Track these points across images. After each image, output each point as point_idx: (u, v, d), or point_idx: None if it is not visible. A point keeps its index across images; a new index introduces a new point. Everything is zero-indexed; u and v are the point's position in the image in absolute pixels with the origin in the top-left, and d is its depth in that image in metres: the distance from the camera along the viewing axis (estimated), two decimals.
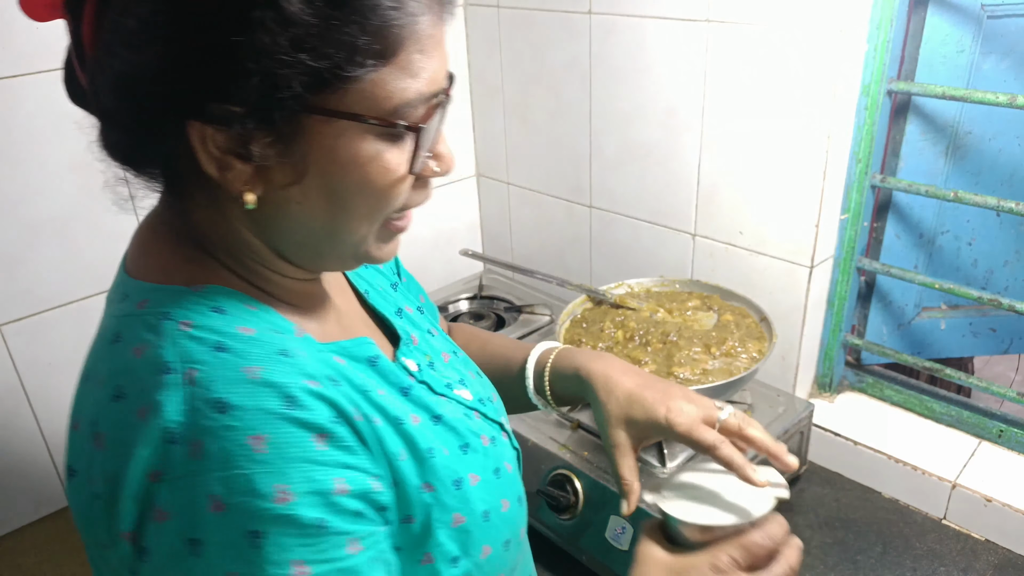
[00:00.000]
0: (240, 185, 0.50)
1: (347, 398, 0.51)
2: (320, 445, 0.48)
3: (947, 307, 1.41)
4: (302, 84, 0.46)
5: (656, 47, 1.29)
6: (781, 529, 0.67)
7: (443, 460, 0.58)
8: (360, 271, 0.73)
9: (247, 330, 0.51)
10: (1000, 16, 1.19)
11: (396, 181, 0.52)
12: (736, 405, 1.22)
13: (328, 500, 0.47)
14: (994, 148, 1.28)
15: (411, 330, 0.70)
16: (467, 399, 0.67)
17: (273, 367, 0.48)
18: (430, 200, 0.59)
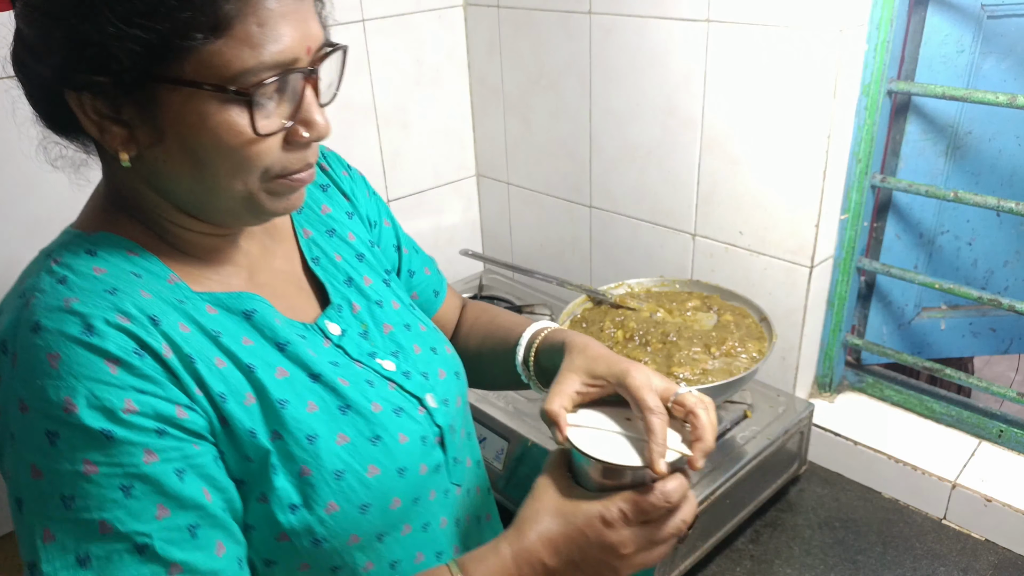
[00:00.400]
0: (117, 146, 0.58)
1: (164, 337, 0.58)
2: (112, 369, 0.55)
3: (947, 307, 1.41)
4: (141, 55, 0.53)
5: (656, 47, 1.29)
6: (679, 490, 0.64)
7: (299, 414, 0.63)
8: (320, 240, 0.78)
9: (99, 270, 0.59)
10: (1000, 16, 1.19)
11: (247, 143, 0.57)
12: (736, 405, 1.23)
13: (114, 416, 0.54)
14: (994, 148, 1.27)
15: (354, 299, 0.76)
16: (388, 369, 0.72)
17: (89, 300, 0.56)
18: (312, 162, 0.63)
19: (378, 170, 1.56)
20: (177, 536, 0.56)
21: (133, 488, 0.55)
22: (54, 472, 0.54)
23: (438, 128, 1.64)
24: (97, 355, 0.55)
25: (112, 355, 0.55)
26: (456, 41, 1.61)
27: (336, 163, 0.85)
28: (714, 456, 1.13)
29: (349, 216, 0.83)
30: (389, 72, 1.50)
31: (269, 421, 0.62)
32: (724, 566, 1.14)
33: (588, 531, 0.63)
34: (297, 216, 0.78)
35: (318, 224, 0.79)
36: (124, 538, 0.54)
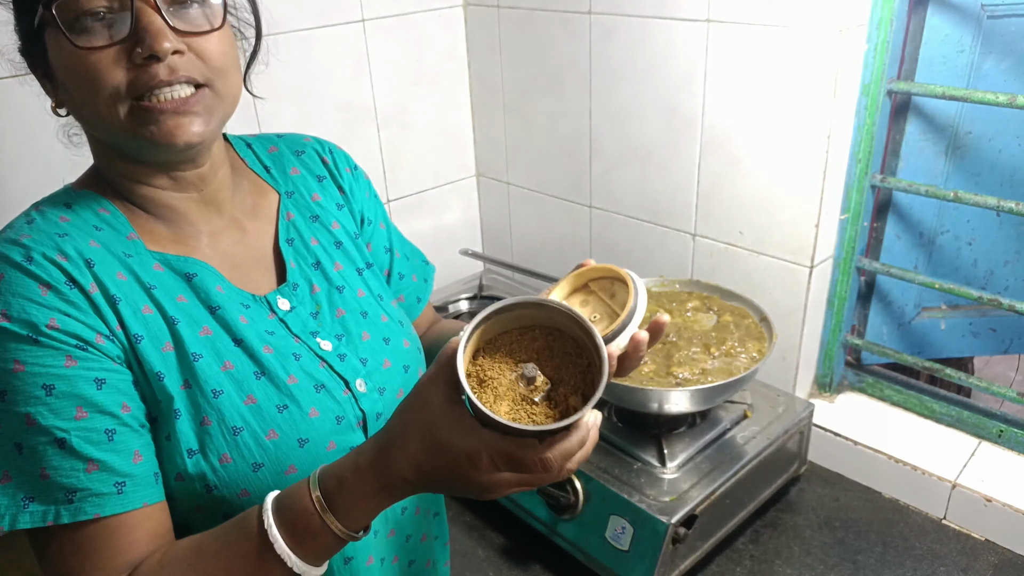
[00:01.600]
0: (53, 98, 0.67)
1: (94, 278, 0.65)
2: (43, 292, 0.62)
3: (947, 307, 1.41)
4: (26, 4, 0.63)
5: (656, 47, 1.29)
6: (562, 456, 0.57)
7: (211, 369, 0.68)
8: (300, 224, 0.81)
9: (64, 219, 0.67)
10: (1000, 16, 1.19)
11: (76, 61, 0.63)
12: (736, 405, 1.23)
13: (39, 329, 0.61)
14: (994, 148, 1.27)
15: (315, 281, 0.79)
16: (324, 349, 0.75)
17: (39, 238, 0.65)
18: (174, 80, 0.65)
19: (378, 170, 1.56)
20: (95, 437, 0.62)
21: (54, 388, 0.62)
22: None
23: (438, 128, 1.64)
24: (32, 279, 0.62)
25: (44, 280, 0.63)
26: (456, 41, 1.61)
27: (341, 159, 0.90)
28: (714, 456, 1.13)
29: (339, 208, 0.86)
30: (389, 72, 1.50)
31: (182, 370, 0.67)
32: (724, 566, 1.14)
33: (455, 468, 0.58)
34: (286, 200, 0.82)
35: (304, 210, 0.83)
36: (45, 432, 0.61)
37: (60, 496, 0.62)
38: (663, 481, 1.09)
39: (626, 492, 1.07)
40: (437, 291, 1.68)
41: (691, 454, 1.13)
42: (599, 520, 1.09)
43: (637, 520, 1.04)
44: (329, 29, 1.39)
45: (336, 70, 1.42)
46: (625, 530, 1.06)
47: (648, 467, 1.11)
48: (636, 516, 1.05)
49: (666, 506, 1.04)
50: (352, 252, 0.85)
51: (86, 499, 0.62)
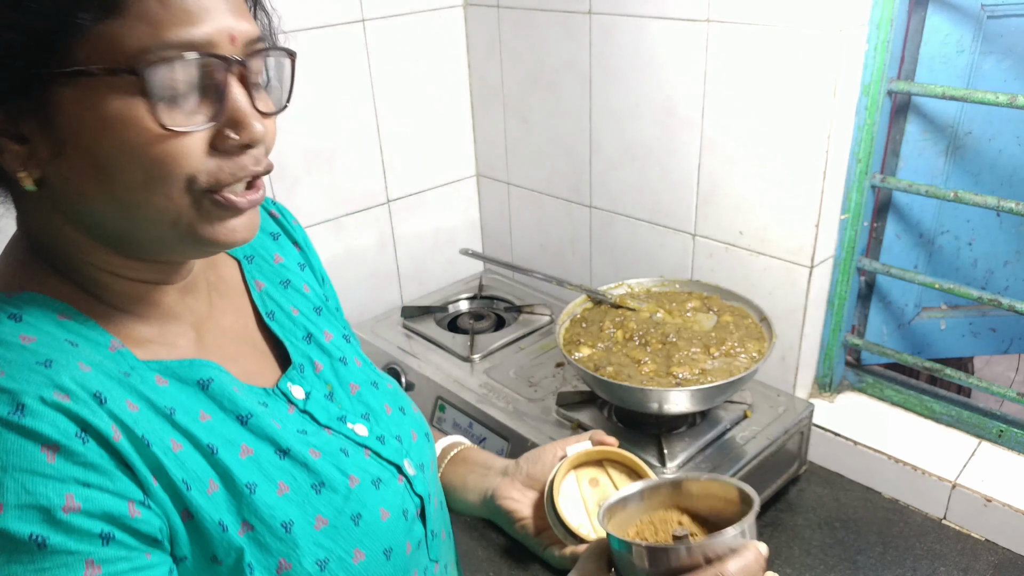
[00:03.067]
0: (17, 167, 0.49)
1: (112, 417, 0.49)
2: (49, 457, 0.45)
3: (947, 307, 1.41)
4: (30, 47, 0.45)
5: (656, 47, 1.29)
6: (746, 566, 0.53)
7: (270, 498, 0.55)
8: (274, 292, 0.70)
9: (27, 338, 0.49)
10: (1000, 16, 1.18)
11: (154, 140, 0.48)
12: (736, 405, 1.23)
13: (51, 516, 0.44)
14: (994, 148, 1.27)
15: (316, 357, 0.68)
16: (360, 434, 0.65)
17: (19, 375, 0.46)
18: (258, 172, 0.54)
19: (378, 170, 1.56)
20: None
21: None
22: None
23: (438, 128, 1.64)
24: (30, 440, 0.45)
25: (49, 439, 0.45)
26: (456, 41, 1.61)
27: (286, 212, 0.77)
28: (714, 456, 1.13)
29: (301, 267, 0.75)
30: (389, 72, 1.50)
31: (239, 510, 0.53)
32: None
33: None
34: (248, 267, 0.70)
35: (271, 275, 0.71)
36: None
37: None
38: None
39: None
40: (437, 291, 1.69)
41: (691, 454, 1.13)
42: None
43: None
44: (329, 29, 1.39)
45: (336, 70, 1.42)
46: None
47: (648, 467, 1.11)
48: None
49: None
50: (331, 317, 0.74)
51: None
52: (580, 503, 0.67)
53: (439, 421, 1.33)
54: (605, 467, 0.73)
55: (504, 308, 1.59)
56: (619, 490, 0.63)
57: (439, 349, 1.43)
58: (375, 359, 1.45)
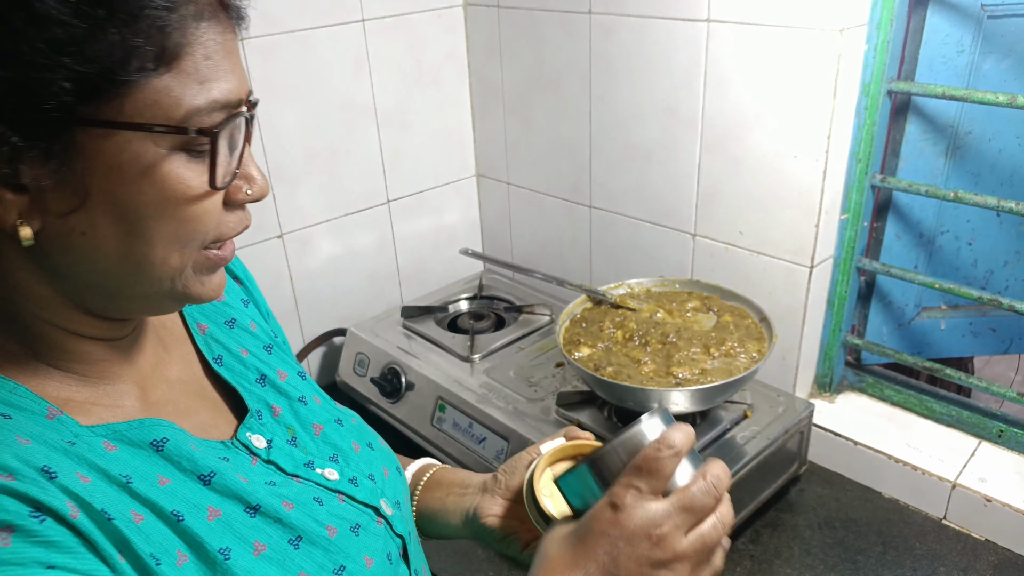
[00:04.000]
0: (13, 219, 0.44)
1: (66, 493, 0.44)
2: (4, 542, 0.40)
3: (947, 307, 1.41)
4: (70, 93, 0.42)
5: (656, 47, 1.29)
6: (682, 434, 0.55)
7: (246, 561, 0.51)
8: (219, 335, 0.66)
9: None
10: (1000, 16, 1.18)
11: (198, 198, 0.47)
12: (736, 405, 1.22)
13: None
14: (994, 148, 1.27)
15: (273, 400, 0.64)
16: (331, 479, 0.61)
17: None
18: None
19: (378, 170, 1.56)
20: None
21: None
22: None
23: (438, 128, 1.64)
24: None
25: (2, 522, 0.40)
26: (456, 41, 1.61)
27: None
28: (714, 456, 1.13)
29: (245, 304, 0.71)
30: (389, 72, 1.50)
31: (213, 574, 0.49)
32: (724, 566, 1.14)
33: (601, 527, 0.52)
34: (189, 309, 0.64)
35: (214, 315, 0.67)
36: None
37: None
38: None
39: None
40: (437, 291, 1.68)
41: None
42: None
43: None
44: (329, 29, 1.39)
45: (336, 70, 1.42)
46: None
47: None
48: None
49: None
50: (282, 355, 0.70)
51: None
52: (560, 498, 0.67)
53: (439, 421, 1.33)
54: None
55: (504, 308, 1.59)
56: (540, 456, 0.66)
57: (439, 349, 1.43)
58: (375, 359, 1.45)
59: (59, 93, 0.42)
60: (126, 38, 0.42)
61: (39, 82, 0.41)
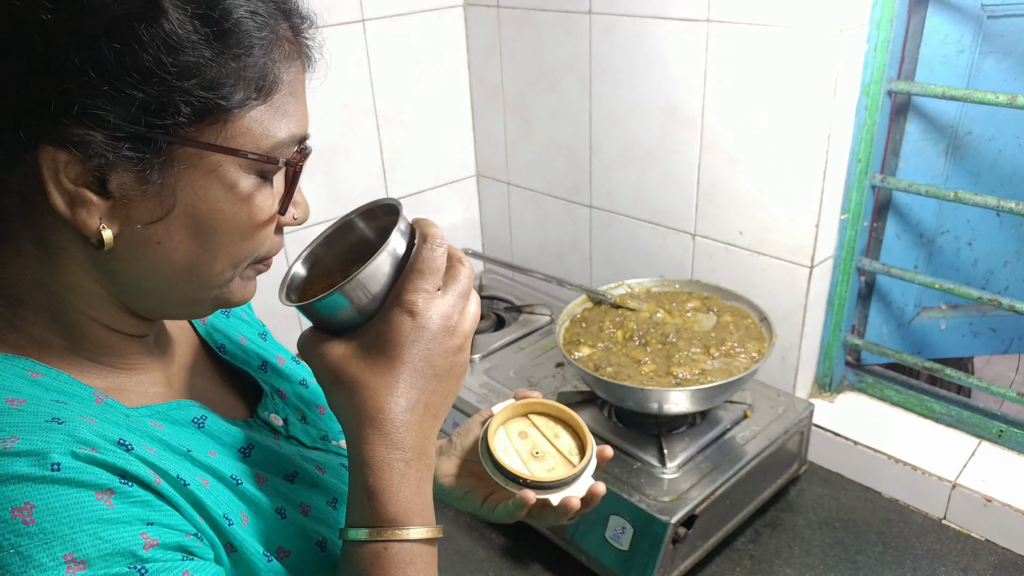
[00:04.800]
0: (95, 223, 0.46)
1: (144, 463, 0.47)
2: (107, 502, 0.43)
3: (947, 307, 1.41)
4: (184, 115, 0.45)
5: (656, 47, 1.29)
6: (434, 228, 0.60)
7: (300, 521, 0.55)
8: (219, 324, 0.69)
9: (16, 401, 0.45)
10: (1000, 16, 1.18)
11: (265, 222, 0.52)
12: (736, 405, 1.23)
13: (136, 556, 0.42)
14: (994, 148, 1.27)
15: (279, 384, 0.67)
16: (345, 449, 0.65)
17: (34, 436, 0.43)
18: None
19: (378, 170, 1.56)
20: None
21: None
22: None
23: (438, 128, 1.64)
24: (84, 489, 0.42)
25: (101, 485, 0.43)
26: (456, 41, 1.61)
27: None
28: (714, 456, 1.13)
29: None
30: (389, 72, 1.50)
31: (275, 538, 0.54)
32: (724, 566, 1.14)
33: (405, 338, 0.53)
34: None
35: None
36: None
37: None
38: (663, 481, 1.09)
39: (626, 492, 1.07)
40: None
41: (691, 454, 1.13)
42: (599, 520, 1.08)
43: (637, 520, 1.04)
44: (329, 29, 1.39)
45: (336, 70, 1.42)
46: (625, 530, 1.06)
47: (648, 467, 1.11)
48: (636, 516, 1.05)
49: (666, 506, 1.04)
50: (275, 342, 0.73)
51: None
52: (514, 454, 0.72)
53: None
54: (531, 419, 0.77)
55: (504, 308, 1.58)
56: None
57: None
58: None
59: (175, 114, 0.45)
60: (240, 70, 0.46)
61: (162, 103, 0.44)
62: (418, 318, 0.54)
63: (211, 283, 0.52)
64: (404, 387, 0.53)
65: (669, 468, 1.10)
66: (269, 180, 0.51)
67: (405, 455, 0.53)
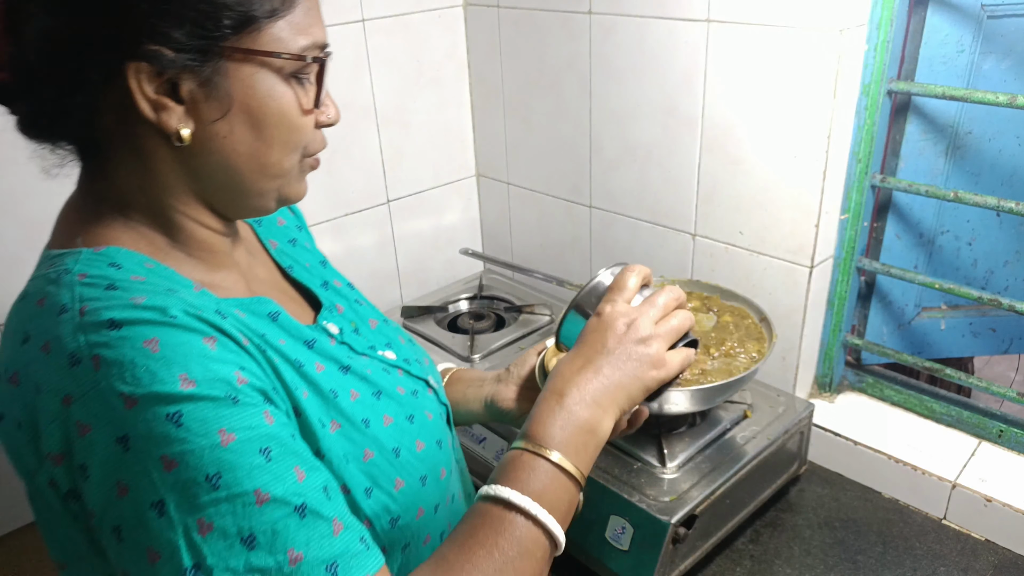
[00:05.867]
0: (175, 123, 0.58)
1: (237, 329, 0.58)
2: (211, 346, 0.54)
3: (947, 307, 1.41)
4: (229, 27, 0.56)
5: (656, 47, 1.29)
6: (637, 268, 0.76)
7: (347, 403, 0.66)
8: (287, 250, 0.81)
9: (139, 278, 0.58)
10: (1000, 16, 1.19)
11: (304, 113, 0.63)
12: (736, 405, 1.23)
13: (232, 385, 0.53)
14: (994, 148, 1.27)
15: (336, 300, 0.79)
16: (391, 359, 0.77)
17: (155, 297, 0.55)
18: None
19: (378, 170, 1.56)
20: (320, 495, 0.55)
21: (271, 450, 0.53)
22: (189, 453, 0.50)
23: (438, 128, 1.64)
24: (192, 333, 0.54)
25: (206, 332, 0.55)
26: (456, 41, 1.61)
27: None
28: (714, 456, 1.13)
29: (299, 229, 0.87)
30: (389, 72, 1.50)
31: (329, 412, 0.64)
32: (724, 566, 1.14)
33: (592, 329, 0.71)
34: (259, 230, 0.81)
35: (280, 236, 0.82)
36: (282, 503, 0.52)
37: (320, 573, 0.52)
38: (663, 481, 1.09)
39: (626, 492, 1.07)
40: (438, 291, 1.68)
41: (691, 454, 1.13)
42: (599, 520, 1.09)
43: (637, 520, 1.04)
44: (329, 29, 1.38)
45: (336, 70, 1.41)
46: (625, 530, 1.06)
47: (648, 467, 1.11)
48: (636, 516, 1.05)
49: (666, 506, 1.04)
50: (333, 270, 0.86)
51: (348, 563, 0.54)
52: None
53: None
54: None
55: (504, 308, 1.59)
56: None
57: (439, 349, 1.43)
58: None
59: (222, 27, 0.56)
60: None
61: (210, 18, 0.56)
62: (603, 318, 0.72)
63: (271, 172, 0.63)
64: (580, 358, 0.70)
65: (669, 468, 1.10)
66: (301, 81, 0.62)
67: (561, 400, 0.67)
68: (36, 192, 1.15)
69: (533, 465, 0.63)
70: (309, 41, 0.61)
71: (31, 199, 1.11)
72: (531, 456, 0.63)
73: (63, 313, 0.54)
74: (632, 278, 0.74)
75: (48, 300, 0.55)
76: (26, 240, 1.13)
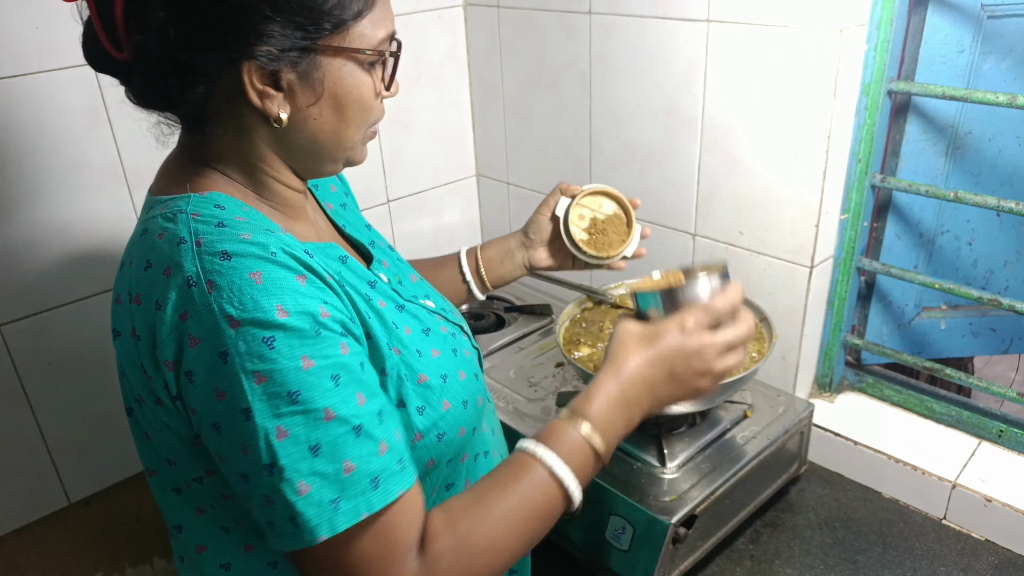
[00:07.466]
0: (276, 109, 0.69)
1: (321, 266, 0.67)
2: (302, 283, 0.64)
3: (947, 307, 1.41)
4: (327, 28, 0.67)
5: (656, 47, 1.29)
6: (738, 293, 0.80)
7: (403, 333, 0.76)
8: (339, 212, 0.92)
9: (241, 218, 0.68)
10: (1000, 16, 1.19)
11: (378, 96, 0.74)
12: (736, 405, 1.23)
13: (316, 318, 0.63)
14: (994, 148, 1.27)
15: (382, 257, 0.89)
16: (431, 306, 0.86)
17: (259, 235, 0.65)
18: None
19: (378, 170, 1.56)
20: (375, 420, 0.66)
21: (340, 377, 0.64)
22: (277, 372, 0.61)
23: (438, 128, 1.64)
24: (288, 270, 0.64)
25: (297, 271, 0.64)
26: (456, 41, 1.61)
27: None
28: (714, 456, 1.13)
29: (346, 195, 0.99)
30: None
31: (391, 340, 0.74)
32: (724, 566, 1.14)
33: (671, 341, 0.78)
34: (317, 192, 0.91)
35: (333, 200, 0.94)
36: (343, 422, 0.63)
37: (366, 485, 0.64)
38: (663, 481, 1.09)
39: (626, 492, 1.07)
40: None
41: (691, 454, 1.13)
42: (599, 520, 1.09)
43: (637, 520, 1.04)
44: None
45: None
46: (625, 530, 1.06)
47: (648, 467, 1.11)
48: (636, 516, 1.05)
49: (666, 506, 1.04)
50: (377, 231, 0.98)
51: (388, 480, 0.65)
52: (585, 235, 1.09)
53: None
54: (582, 204, 1.09)
55: (504, 308, 1.58)
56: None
57: None
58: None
59: (321, 30, 0.67)
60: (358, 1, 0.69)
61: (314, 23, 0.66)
62: (684, 333, 0.78)
63: (346, 145, 0.74)
64: (645, 360, 0.78)
65: (669, 468, 1.10)
66: (375, 67, 0.72)
67: (617, 388, 0.77)
68: (38, 194, 1.15)
69: (570, 434, 0.75)
70: (385, 33, 0.71)
71: (32, 200, 1.11)
72: (571, 427, 0.75)
73: (182, 244, 0.64)
74: (726, 310, 0.79)
75: (167, 233, 0.65)
76: (25, 240, 1.13)
